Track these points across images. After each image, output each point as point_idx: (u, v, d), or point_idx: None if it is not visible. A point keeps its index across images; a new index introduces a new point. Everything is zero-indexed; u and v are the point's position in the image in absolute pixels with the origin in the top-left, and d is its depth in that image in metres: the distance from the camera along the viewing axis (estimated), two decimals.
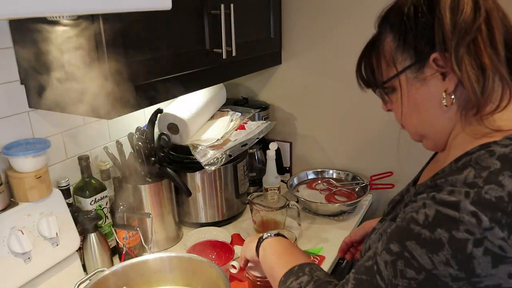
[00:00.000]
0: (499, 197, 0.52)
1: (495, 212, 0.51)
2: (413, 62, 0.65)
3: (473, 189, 0.53)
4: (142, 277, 0.98)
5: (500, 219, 0.51)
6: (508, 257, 0.51)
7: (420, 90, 0.66)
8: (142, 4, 0.67)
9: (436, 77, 0.64)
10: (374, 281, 0.59)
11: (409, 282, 0.56)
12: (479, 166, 0.56)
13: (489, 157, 0.56)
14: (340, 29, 1.47)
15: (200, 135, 1.37)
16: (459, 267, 0.53)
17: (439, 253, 0.53)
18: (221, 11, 1.12)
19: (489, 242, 0.51)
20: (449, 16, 0.60)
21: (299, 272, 0.72)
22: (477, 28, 0.59)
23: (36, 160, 0.96)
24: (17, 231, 0.93)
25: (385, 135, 1.50)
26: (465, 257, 0.52)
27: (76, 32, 0.86)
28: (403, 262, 0.56)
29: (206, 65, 1.16)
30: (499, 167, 0.54)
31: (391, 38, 0.68)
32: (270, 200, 1.37)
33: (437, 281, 0.54)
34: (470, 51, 0.59)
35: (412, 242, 0.56)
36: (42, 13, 0.55)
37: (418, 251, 0.55)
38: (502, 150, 0.56)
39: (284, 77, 1.64)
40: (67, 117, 1.14)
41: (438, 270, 0.54)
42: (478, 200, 0.52)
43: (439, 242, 0.53)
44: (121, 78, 0.89)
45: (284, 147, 1.72)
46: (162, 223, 1.27)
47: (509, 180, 0.53)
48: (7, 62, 0.99)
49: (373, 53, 0.72)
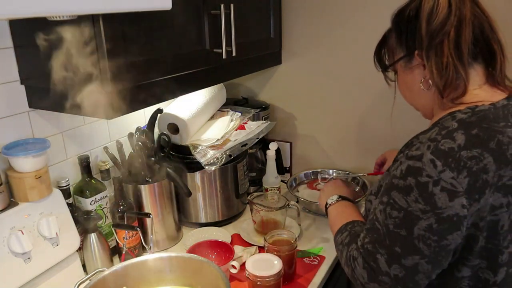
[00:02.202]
0: (451, 148, 0.70)
1: (446, 158, 0.70)
2: (404, 55, 0.85)
3: (433, 143, 0.72)
4: (142, 277, 0.98)
5: (450, 163, 0.69)
6: (459, 192, 0.69)
7: (409, 76, 0.87)
8: (142, 4, 0.67)
9: (419, 67, 0.83)
10: (375, 226, 0.79)
11: (395, 220, 0.75)
12: (442, 126, 0.75)
13: (451, 120, 0.76)
14: (340, 29, 1.47)
15: (200, 135, 1.37)
16: (425, 202, 0.71)
17: (410, 195, 0.72)
18: (221, 11, 1.12)
19: (443, 181, 0.69)
20: (424, 24, 0.78)
21: (343, 229, 0.93)
22: (445, 33, 0.76)
23: (36, 160, 0.96)
24: (17, 231, 0.93)
25: (386, 135, 1.50)
26: (428, 194, 0.70)
27: (76, 32, 0.86)
28: (389, 207, 0.76)
29: (206, 65, 1.16)
30: (456, 127, 0.73)
31: (394, 34, 0.87)
32: (270, 200, 1.37)
33: (412, 215, 0.72)
34: (436, 52, 0.77)
35: (394, 191, 0.75)
36: (42, 13, 0.55)
37: (397, 196, 0.74)
38: (461, 115, 0.76)
39: (284, 77, 1.64)
40: (67, 117, 1.14)
41: (411, 207, 0.72)
42: (435, 150, 0.71)
43: (409, 187, 0.72)
44: (121, 78, 0.89)
45: (284, 147, 1.72)
46: (162, 223, 1.27)
47: (461, 136, 0.71)
48: (7, 62, 0.99)
49: (384, 43, 0.92)
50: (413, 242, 0.73)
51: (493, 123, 0.73)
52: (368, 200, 0.93)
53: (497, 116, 0.75)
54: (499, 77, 0.81)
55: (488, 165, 0.70)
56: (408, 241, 0.73)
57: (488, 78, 0.81)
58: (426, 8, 0.78)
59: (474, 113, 0.75)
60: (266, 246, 1.12)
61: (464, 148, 0.70)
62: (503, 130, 0.73)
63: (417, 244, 0.72)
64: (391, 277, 0.76)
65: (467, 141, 0.71)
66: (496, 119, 0.74)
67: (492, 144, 0.71)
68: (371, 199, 0.91)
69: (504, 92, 0.81)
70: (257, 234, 1.34)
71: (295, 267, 1.14)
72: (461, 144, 0.70)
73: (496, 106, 0.77)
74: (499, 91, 0.81)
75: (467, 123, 0.73)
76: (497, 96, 0.80)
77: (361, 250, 0.80)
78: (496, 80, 0.81)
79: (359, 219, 0.96)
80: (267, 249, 1.11)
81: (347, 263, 0.85)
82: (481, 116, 0.74)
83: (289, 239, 1.14)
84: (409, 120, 1.21)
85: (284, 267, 1.04)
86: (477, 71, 0.80)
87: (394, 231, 0.75)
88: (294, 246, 1.11)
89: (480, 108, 0.76)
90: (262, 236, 1.24)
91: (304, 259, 1.22)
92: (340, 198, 1.06)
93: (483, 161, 0.69)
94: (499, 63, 0.80)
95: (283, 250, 1.09)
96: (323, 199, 1.11)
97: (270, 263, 1.03)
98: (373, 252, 0.78)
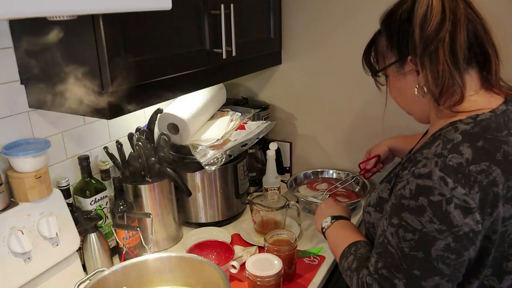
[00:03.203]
0: (459, 163, 0.68)
1: (456, 174, 0.67)
2: (396, 60, 0.82)
3: (440, 159, 0.69)
4: (142, 277, 0.98)
5: (460, 179, 0.67)
6: (472, 208, 0.67)
7: (401, 81, 0.84)
8: (142, 4, 0.67)
9: (412, 73, 0.80)
10: (388, 250, 0.75)
11: (410, 242, 0.71)
12: (446, 139, 0.73)
13: (454, 132, 0.73)
14: (340, 29, 1.47)
15: (200, 135, 1.37)
16: (440, 222, 0.68)
17: (424, 215, 0.69)
18: (221, 11, 1.12)
19: (456, 198, 0.67)
20: (418, 30, 0.74)
21: (347, 253, 0.89)
22: (440, 39, 0.73)
23: (36, 160, 0.96)
24: (17, 231, 0.93)
25: (386, 135, 1.50)
26: (442, 213, 0.68)
27: (76, 32, 0.86)
28: (402, 229, 0.72)
29: (206, 65, 1.16)
30: (461, 140, 0.71)
31: (384, 37, 0.84)
32: (270, 200, 1.37)
33: (428, 236, 0.69)
34: (431, 59, 0.74)
35: (405, 213, 0.72)
36: (42, 13, 0.55)
37: (410, 218, 0.71)
38: (464, 126, 0.73)
39: (284, 77, 1.64)
40: (67, 117, 1.14)
41: (426, 228, 0.69)
42: (444, 167, 0.68)
43: (422, 207, 0.69)
44: (121, 78, 0.89)
45: (284, 147, 1.72)
46: (162, 223, 1.27)
47: (468, 149, 0.69)
48: (7, 62, 0.99)
49: (373, 46, 0.89)
50: (432, 263, 0.70)
51: (496, 132, 0.72)
52: (367, 212, 0.91)
53: (499, 124, 0.73)
54: (494, 80, 0.79)
55: (497, 177, 0.68)
56: (427, 263, 0.70)
57: (483, 83, 0.79)
58: (419, 13, 0.74)
59: (477, 123, 0.73)
60: (266, 246, 1.12)
61: (472, 163, 0.68)
62: (506, 139, 0.71)
63: (436, 265, 0.70)
64: None
65: (475, 154, 0.69)
66: (499, 128, 0.73)
67: (498, 156, 0.69)
68: (370, 210, 0.89)
69: (500, 96, 0.80)
70: (257, 234, 1.34)
71: (295, 267, 1.15)
72: (469, 158, 0.68)
73: (496, 114, 0.75)
74: (495, 95, 0.79)
75: (471, 135, 0.71)
76: (494, 101, 0.78)
77: (375, 276, 0.76)
78: (491, 84, 0.79)
79: (360, 239, 0.92)
80: (267, 249, 1.11)
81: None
82: (484, 126, 0.73)
83: (289, 239, 1.14)
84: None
85: (284, 267, 1.04)
86: (472, 76, 0.78)
87: (410, 253, 0.71)
88: (294, 246, 1.11)
89: (482, 117, 0.74)
90: (262, 236, 1.24)
91: (304, 259, 1.22)
92: (334, 219, 1.02)
93: (492, 174, 0.68)
94: (493, 66, 0.78)
95: (283, 250, 1.09)
96: (318, 224, 1.07)
97: (270, 263, 1.03)
98: (389, 278, 0.74)
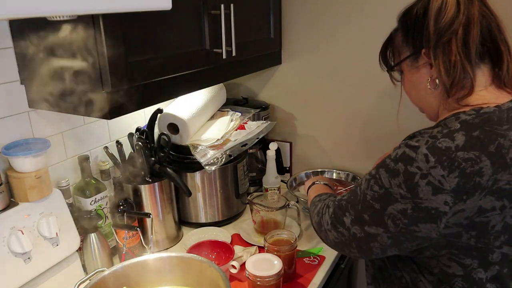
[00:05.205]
0: (448, 147, 0.71)
1: (441, 156, 0.70)
2: (411, 54, 0.86)
3: (432, 139, 0.73)
4: (142, 277, 0.98)
5: (443, 161, 0.70)
6: (444, 189, 0.70)
7: (415, 75, 0.87)
8: (142, 4, 0.67)
9: (425, 66, 0.84)
10: (356, 190, 0.84)
11: (373, 193, 0.79)
12: (446, 126, 0.77)
13: (454, 120, 0.77)
14: (340, 29, 1.47)
15: (200, 135, 1.37)
16: (407, 190, 0.73)
17: (395, 178, 0.75)
18: (221, 11, 1.12)
19: (432, 176, 0.70)
20: (433, 22, 0.78)
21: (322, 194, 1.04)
22: (453, 31, 0.77)
23: (36, 160, 0.96)
24: (17, 231, 0.93)
25: (386, 135, 1.50)
26: (412, 184, 0.72)
27: (76, 32, 0.86)
28: (373, 180, 0.80)
29: (206, 65, 1.16)
30: (458, 128, 0.74)
31: (400, 33, 0.88)
32: (270, 200, 1.37)
33: (391, 196, 0.76)
34: (444, 50, 0.78)
35: (382, 169, 0.78)
36: (42, 13, 0.55)
37: (384, 175, 0.77)
38: (465, 117, 0.76)
39: (284, 77, 1.64)
40: (67, 117, 1.14)
41: (392, 189, 0.75)
42: (432, 147, 0.72)
43: (397, 171, 0.75)
44: (121, 78, 0.89)
45: (284, 147, 1.72)
46: (162, 223, 1.27)
47: (461, 137, 0.71)
48: (7, 62, 0.99)
49: (390, 42, 0.93)
50: (382, 216, 0.77)
51: (496, 125, 0.73)
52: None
53: (501, 118, 0.74)
54: (505, 78, 0.81)
55: (484, 168, 0.69)
56: (378, 215, 0.78)
57: (494, 79, 0.81)
58: (434, 6, 0.78)
59: (478, 115, 0.75)
60: (266, 246, 1.12)
61: (462, 149, 0.70)
62: (505, 133, 0.72)
63: (386, 220, 0.77)
64: (350, 233, 0.83)
65: (467, 142, 0.71)
66: (500, 122, 0.73)
67: (491, 148, 0.70)
68: None
69: (511, 94, 0.81)
70: (257, 234, 1.34)
71: (295, 267, 1.15)
72: (459, 145, 0.71)
73: (501, 109, 0.76)
74: (506, 93, 0.80)
75: (470, 125, 0.73)
76: (503, 98, 0.79)
77: (336, 203, 0.89)
78: (502, 82, 0.81)
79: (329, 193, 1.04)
80: (267, 249, 1.11)
81: (319, 213, 0.94)
82: (485, 118, 0.74)
83: (289, 239, 1.14)
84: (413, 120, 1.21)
85: (284, 267, 1.04)
86: (483, 71, 0.80)
87: (369, 201, 0.79)
88: (294, 246, 1.11)
89: (485, 110, 0.76)
90: (262, 236, 1.24)
91: (304, 259, 1.23)
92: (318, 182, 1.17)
93: (479, 164, 0.69)
94: (505, 64, 0.80)
95: (283, 250, 1.09)
96: (306, 186, 1.20)
97: (270, 263, 1.03)
98: (344, 208, 0.85)
